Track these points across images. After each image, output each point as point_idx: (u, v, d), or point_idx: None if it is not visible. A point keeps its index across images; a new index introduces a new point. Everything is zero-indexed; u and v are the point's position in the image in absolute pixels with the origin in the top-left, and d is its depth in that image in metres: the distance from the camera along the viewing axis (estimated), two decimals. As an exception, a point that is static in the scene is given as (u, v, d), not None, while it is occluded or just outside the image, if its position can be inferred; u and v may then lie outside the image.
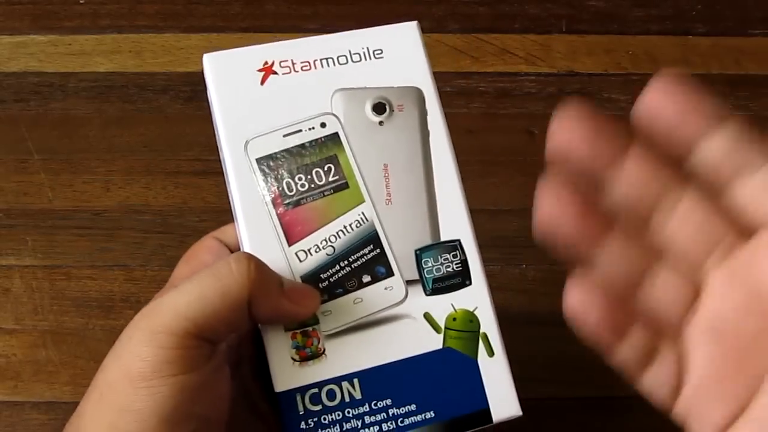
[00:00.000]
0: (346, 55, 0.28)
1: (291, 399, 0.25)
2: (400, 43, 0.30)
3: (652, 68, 0.60)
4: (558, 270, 0.50)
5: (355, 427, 0.25)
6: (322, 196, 0.27)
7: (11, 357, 0.46)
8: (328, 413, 0.25)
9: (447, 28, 0.62)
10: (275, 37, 0.61)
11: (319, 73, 0.28)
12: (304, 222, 0.27)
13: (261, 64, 0.28)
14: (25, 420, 0.44)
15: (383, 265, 0.27)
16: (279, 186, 0.27)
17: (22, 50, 0.59)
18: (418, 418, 0.26)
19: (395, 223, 0.27)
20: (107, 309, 0.47)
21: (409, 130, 0.28)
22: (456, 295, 0.27)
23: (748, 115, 0.57)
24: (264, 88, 0.28)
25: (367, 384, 0.26)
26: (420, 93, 0.29)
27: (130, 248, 0.50)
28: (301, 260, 0.27)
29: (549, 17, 0.63)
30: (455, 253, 0.27)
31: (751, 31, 0.62)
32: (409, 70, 0.29)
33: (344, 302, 0.26)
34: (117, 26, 0.61)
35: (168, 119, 0.56)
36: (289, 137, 0.27)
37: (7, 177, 0.53)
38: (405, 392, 0.26)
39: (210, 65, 0.30)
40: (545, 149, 0.23)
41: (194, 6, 0.63)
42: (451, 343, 0.27)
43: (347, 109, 0.27)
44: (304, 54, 0.28)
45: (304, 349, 0.26)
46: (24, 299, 0.48)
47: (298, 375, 0.26)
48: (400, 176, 0.27)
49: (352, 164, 0.27)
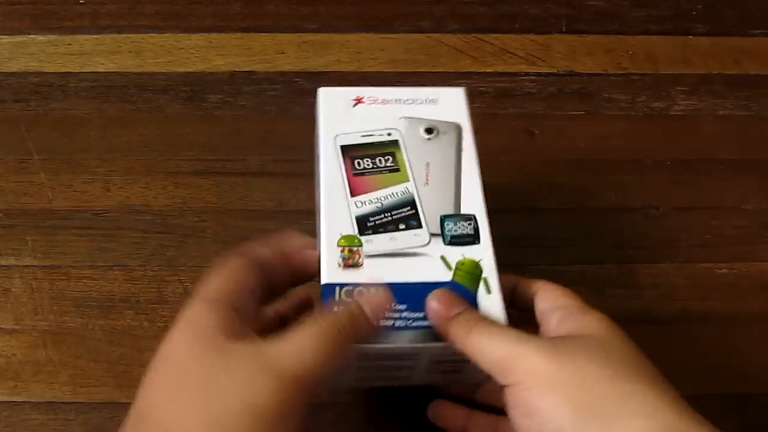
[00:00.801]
0: (412, 99, 0.42)
1: (331, 289, 0.34)
2: (452, 97, 0.42)
3: (652, 68, 0.60)
4: (558, 270, 0.50)
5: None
6: (380, 173, 0.39)
7: (11, 357, 0.46)
8: None
9: (447, 28, 0.62)
10: (275, 37, 0.62)
11: (393, 107, 0.41)
12: (364, 185, 0.39)
13: (355, 96, 0.41)
14: (25, 420, 0.43)
15: (415, 219, 0.38)
16: (352, 162, 0.39)
17: (22, 50, 0.60)
18: (422, 323, 0.34)
19: (429, 197, 0.39)
20: (107, 309, 0.47)
21: (448, 146, 0.41)
22: (467, 248, 0.37)
23: (748, 115, 0.57)
24: (354, 110, 0.41)
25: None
26: (459, 126, 0.41)
27: (130, 248, 0.50)
28: (358, 207, 0.38)
29: (549, 17, 0.63)
30: (470, 222, 0.38)
31: (751, 31, 0.62)
32: (453, 113, 0.42)
33: (383, 238, 0.37)
34: (117, 26, 0.61)
35: (168, 119, 0.56)
36: (365, 137, 0.40)
37: (7, 177, 0.53)
38: (416, 304, 0.34)
39: (324, 94, 0.42)
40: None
41: (194, 6, 0.63)
42: (459, 278, 0.36)
43: (408, 128, 0.41)
44: (386, 95, 0.42)
45: (348, 259, 0.36)
46: (24, 299, 0.48)
47: (340, 274, 0.35)
48: (437, 170, 0.40)
49: (404, 159, 0.40)
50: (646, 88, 0.59)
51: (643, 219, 0.52)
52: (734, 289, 0.49)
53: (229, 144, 0.54)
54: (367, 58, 0.60)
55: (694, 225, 0.52)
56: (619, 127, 0.56)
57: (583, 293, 0.49)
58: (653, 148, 0.55)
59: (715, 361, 0.46)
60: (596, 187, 0.53)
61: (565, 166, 0.54)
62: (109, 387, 0.44)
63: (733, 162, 0.55)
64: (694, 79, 0.59)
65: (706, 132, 0.56)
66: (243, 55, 0.60)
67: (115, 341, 0.46)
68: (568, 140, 0.55)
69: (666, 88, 0.59)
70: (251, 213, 0.51)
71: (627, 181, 0.53)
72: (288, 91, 0.58)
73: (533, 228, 0.51)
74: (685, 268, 0.50)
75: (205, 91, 0.57)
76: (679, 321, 0.48)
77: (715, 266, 0.50)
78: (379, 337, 0.34)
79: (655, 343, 0.47)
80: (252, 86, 0.58)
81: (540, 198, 0.52)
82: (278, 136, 0.55)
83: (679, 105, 0.58)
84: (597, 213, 0.52)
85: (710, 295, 0.49)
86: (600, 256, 0.50)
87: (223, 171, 0.53)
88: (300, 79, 0.58)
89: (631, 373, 0.31)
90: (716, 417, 0.45)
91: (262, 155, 0.54)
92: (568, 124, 0.56)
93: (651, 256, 0.50)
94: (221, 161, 0.54)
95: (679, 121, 0.57)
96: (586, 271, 0.49)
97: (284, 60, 0.59)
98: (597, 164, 0.54)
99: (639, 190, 0.53)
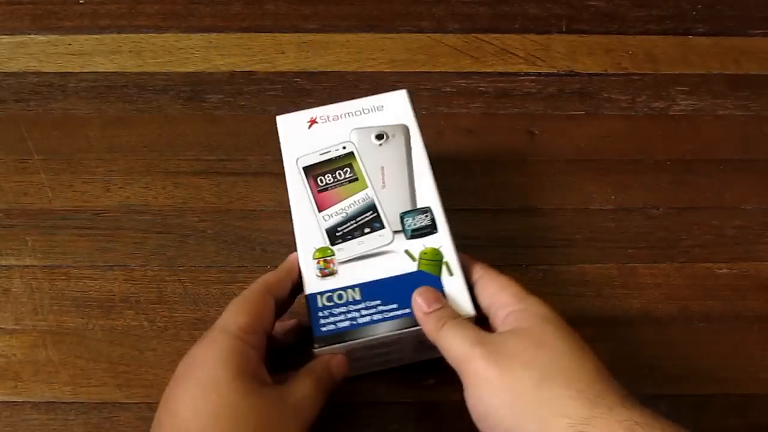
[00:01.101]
0: (360, 110, 0.45)
1: (315, 298, 0.40)
2: (396, 100, 0.46)
3: (652, 68, 0.60)
4: (558, 270, 0.50)
5: (355, 316, 0.39)
6: (341, 185, 0.43)
7: (11, 357, 0.46)
8: (338, 307, 0.39)
9: (447, 28, 0.62)
10: (275, 37, 0.62)
11: (344, 121, 0.45)
12: (329, 199, 0.43)
13: (309, 118, 0.45)
14: (25, 420, 0.44)
15: (378, 222, 0.42)
16: (315, 181, 0.43)
17: (22, 50, 0.60)
18: (398, 312, 0.39)
19: (388, 198, 0.43)
20: (107, 309, 0.47)
21: (398, 148, 0.44)
22: (427, 239, 0.41)
23: (748, 115, 0.57)
24: (310, 131, 0.45)
25: (364, 290, 0.40)
26: (405, 127, 0.45)
27: (130, 248, 0.50)
28: (326, 220, 0.42)
29: (549, 17, 0.63)
30: (426, 214, 0.42)
31: (751, 31, 0.62)
32: (399, 116, 0.45)
33: (352, 244, 0.41)
34: (117, 26, 0.61)
35: (168, 119, 0.56)
36: (323, 155, 0.44)
37: (7, 177, 0.53)
38: (390, 296, 0.39)
39: (281, 121, 0.46)
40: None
41: (194, 6, 0.63)
42: (423, 266, 0.40)
43: (359, 138, 0.45)
44: (335, 111, 0.45)
45: (325, 269, 0.41)
46: (24, 299, 0.48)
47: (320, 284, 0.40)
48: (391, 172, 0.43)
49: (361, 168, 0.43)
50: (646, 88, 0.59)
51: (643, 219, 0.52)
52: (734, 289, 0.49)
53: (229, 144, 0.54)
54: (367, 58, 0.60)
55: (694, 225, 0.52)
56: (619, 127, 0.56)
57: (583, 293, 0.49)
58: (653, 148, 0.55)
59: (715, 361, 0.46)
60: (596, 187, 0.53)
61: (565, 166, 0.54)
62: (109, 387, 0.44)
63: (733, 162, 0.55)
64: (694, 79, 0.59)
65: (706, 132, 0.56)
66: (243, 55, 0.60)
67: (115, 341, 0.46)
68: (568, 140, 0.55)
69: (666, 88, 0.59)
70: (251, 213, 0.51)
71: (627, 181, 0.53)
72: (288, 91, 0.58)
73: (533, 228, 0.51)
74: (685, 268, 0.50)
75: (205, 91, 0.57)
76: (679, 321, 0.48)
77: (715, 266, 0.50)
78: (361, 333, 0.39)
79: (655, 343, 0.47)
80: (252, 86, 0.58)
81: (540, 198, 0.52)
82: (278, 136, 0.55)
83: (679, 105, 0.58)
84: (597, 213, 0.52)
85: (710, 295, 0.49)
86: (600, 256, 0.50)
87: (223, 171, 0.53)
88: (300, 79, 0.58)
89: (558, 374, 0.34)
90: (717, 417, 0.45)
91: (262, 155, 0.54)
92: (568, 124, 0.56)
93: (651, 256, 0.50)
94: (221, 161, 0.54)
95: (679, 121, 0.57)
96: (586, 271, 0.49)
97: (284, 60, 0.59)
98: (597, 164, 0.54)
99: (639, 190, 0.53)
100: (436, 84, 0.58)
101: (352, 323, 0.39)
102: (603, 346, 0.47)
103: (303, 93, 0.57)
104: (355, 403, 0.44)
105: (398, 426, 0.43)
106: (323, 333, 0.39)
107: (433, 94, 0.57)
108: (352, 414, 0.44)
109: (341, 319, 0.39)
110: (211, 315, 0.47)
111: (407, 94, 0.46)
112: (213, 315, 0.47)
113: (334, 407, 0.44)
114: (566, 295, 0.48)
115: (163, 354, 0.46)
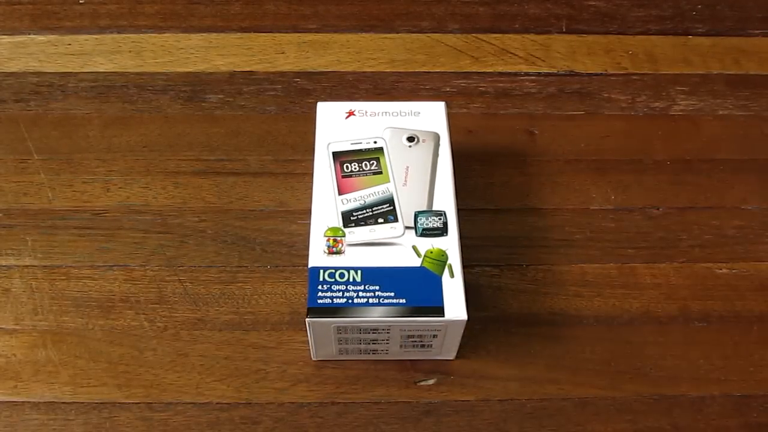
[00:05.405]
0: (398, 112, 0.48)
1: (316, 271, 0.41)
2: (433, 110, 0.48)
3: (652, 68, 0.60)
4: (558, 270, 0.50)
5: (352, 297, 0.41)
6: (365, 175, 0.45)
7: (11, 357, 0.46)
8: (337, 284, 0.41)
9: (447, 28, 0.62)
10: (275, 37, 0.62)
11: (381, 119, 0.47)
12: (350, 185, 0.45)
13: (348, 110, 0.48)
14: (25, 420, 0.43)
15: (393, 215, 0.44)
16: (341, 166, 0.45)
17: (22, 50, 0.60)
18: (394, 301, 0.41)
19: (407, 195, 0.45)
20: (107, 309, 0.47)
21: (426, 152, 0.46)
22: (436, 240, 0.43)
23: (748, 115, 0.57)
24: (347, 121, 0.47)
25: (365, 274, 0.41)
26: (437, 135, 0.47)
27: (129, 248, 0.50)
28: (344, 204, 0.44)
29: (549, 17, 0.63)
30: (440, 217, 0.43)
31: (751, 31, 0.62)
32: (433, 124, 0.48)
33: (364, 230, 0.43)
34: (117, 26, 0.61)
35: (168, 119, 0.56)
36: (354, 144, 0.46)
37: (7, 177, 0.53)
38: (389, 285, 0.41)
39: (321, 107, 0.48)
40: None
41: (194, 6, 0.63)
42: (426, 264, 0.42)
43: (392, 136, 0.47)
44: (375, 108, 0.48)
45: (332, 248, 0.42)
46: (24, 299, 0.48)
47: (325, 260, 0.42)
48: (415, 173, 0.46)
49: (387, 163, 0.46)
50: (646, 88, 0.59)
51: (643, 219, 0.52)
52: (734, 289, 0.49)
53: (229, 144, 0.55)
54: (367, 58, 0.60)
55: (694, 225, 0.52)
56: (619, 127, 0.56)
57: (583, 293, 0.49)
58: (653, 148, 0.55)
59: (715, 361, 0.46)
60: (596, 187, 0.53)
61: (565, 166, 0.54)
62: (109, 387, 0.44)
63: (733, 162, 0.55)
64: (694, 79, 0.59)
65: (706, 132, 0.56)
66: (243, 55, 0.60)
67: (115, 341, 0.46)
68: (568, 140, 0.55)
69: (666, 88, 0.59)
70: (251, 213, 0.51)
71: (627, 181, 0.54)
72: (288, 91, 0.58)
73: (533, 228, 0.51)
74: (685, 268, 0.50)
75: (205, 91, 0.57)
76: (679, 321, 0.48)
77: (715, 266, 0.50)
78: (355, 312, 0.40)
79: (655, 343, 0.47)
80: (252, 86, 0.58)
81: (540, 198, 0.52)
82: (278, 136, 0.55)
83: (679, 105, 0.58)
84: (597, 213, 0.52)
85: (710, 295, 0.49)
86: (600, 256, 0.50)
87: (223, 171, 0.53)
88: (300, 79, 0.58)
89: None
90: (716, 417, 0.45)
91: (262, 155, 0.54)
92: (568, 124, 0.56)
93: (651, 256, 0.50)
94: (221, 161, 0.54)
95: (679, 121, 0.57)
96: (586, 271, 0.49)
97: (284, 60, 0.59)
98: (597, 164, 0.54)
99: (639, 190, 0.53)
100: (436, 84, 0.58)
101: (348, 301, 0.40)
102: (603, 346, 0.47)
103: (303, 93, 0.57)
104: (355, 403, 0.44)
105: (398, 426, 0.43)
106: (318, 305, 0.40)
107: (433, 94, 0.58)
108: (352, 414, 0.44)
109: (338, 296, 0.40)
110: (211, 315, 0.47)
111: (445, 106, 0.48)
112: (213, 315, 0.47)
113: (334, 407, 0.44)
114: (566, 295, 0.48)
115: (163, 354, 0.46)
